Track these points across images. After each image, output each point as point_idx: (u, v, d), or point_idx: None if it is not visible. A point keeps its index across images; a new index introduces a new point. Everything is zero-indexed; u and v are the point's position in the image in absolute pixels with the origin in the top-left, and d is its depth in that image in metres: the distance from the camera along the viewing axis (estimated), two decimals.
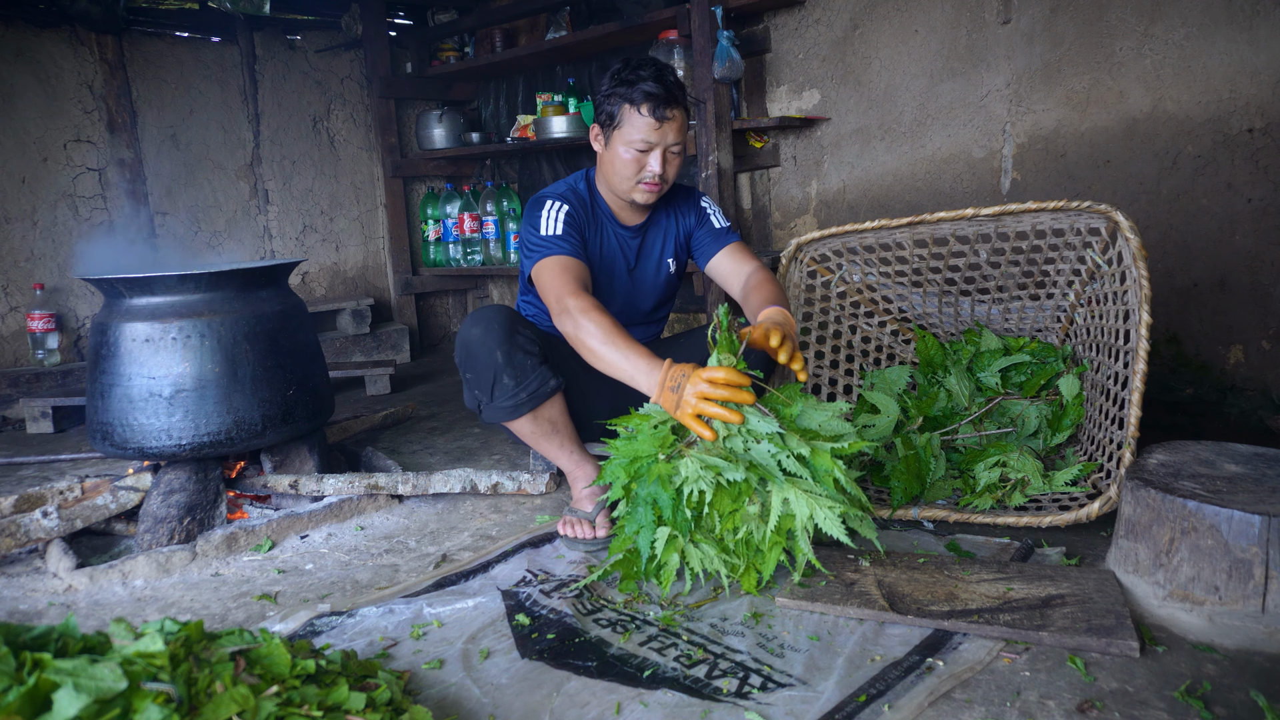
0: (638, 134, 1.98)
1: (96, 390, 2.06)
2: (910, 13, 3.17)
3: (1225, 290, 2.68)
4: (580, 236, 2.05)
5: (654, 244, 2.23)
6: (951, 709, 1.29)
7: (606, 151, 2.05)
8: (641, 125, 1.97)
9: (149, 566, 1.89)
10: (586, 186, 2.16)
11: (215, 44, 4.18)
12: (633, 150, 2.00)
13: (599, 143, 2.08)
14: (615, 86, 1.99)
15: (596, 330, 1.77)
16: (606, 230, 2.16)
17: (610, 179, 2.08)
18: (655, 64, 2.00)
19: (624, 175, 2.03)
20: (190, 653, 1.11)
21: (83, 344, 3.81)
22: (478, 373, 1.95)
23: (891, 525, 2.02)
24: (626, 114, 1.98)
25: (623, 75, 1.99)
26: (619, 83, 1.99)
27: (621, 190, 2.07)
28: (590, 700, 1.34)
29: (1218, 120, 2.60)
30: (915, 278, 2.44)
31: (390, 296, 4.78)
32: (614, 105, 1.99)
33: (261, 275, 2.17)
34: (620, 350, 1.74)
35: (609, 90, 2.00)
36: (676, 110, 1.99)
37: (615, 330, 1.77)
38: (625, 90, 1.97)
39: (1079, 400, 2.15)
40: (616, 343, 1.75)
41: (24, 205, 3.69)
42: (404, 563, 1.94)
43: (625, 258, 2.20)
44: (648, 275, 2.24)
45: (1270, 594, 1.43)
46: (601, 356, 1.77)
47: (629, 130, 1.98)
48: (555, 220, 2.03)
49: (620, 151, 2.01)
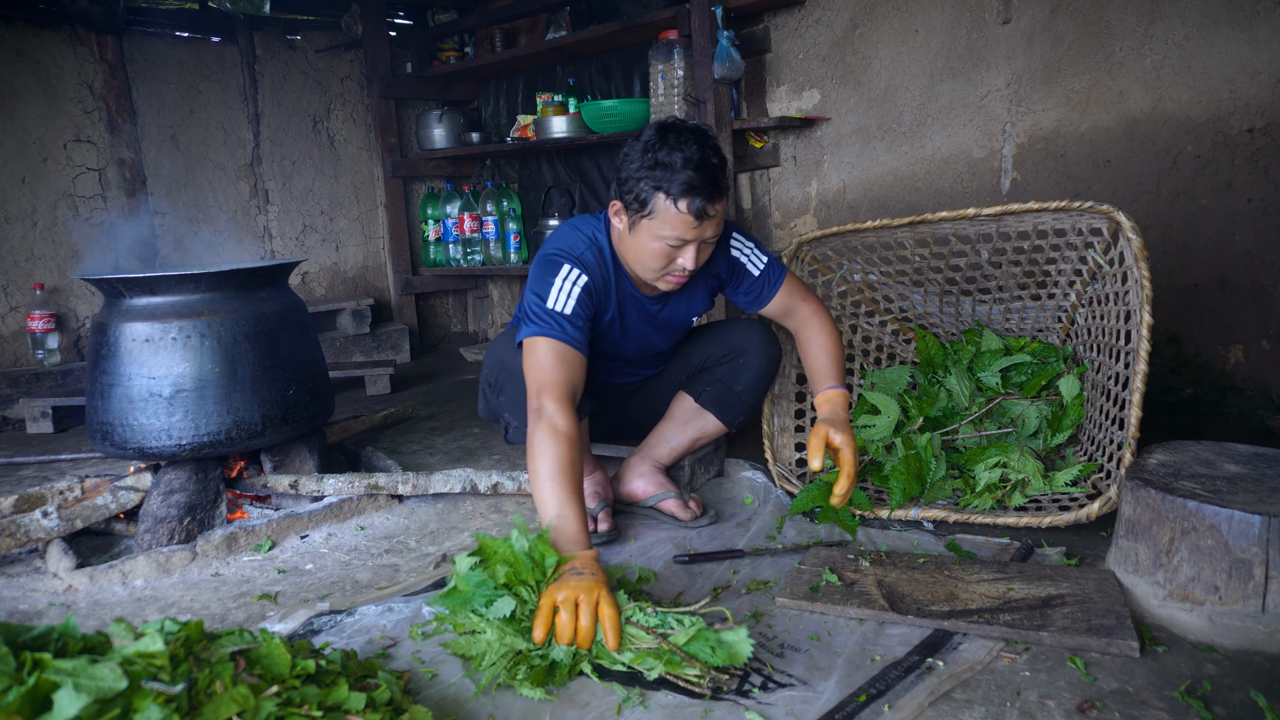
0: (671, 230, 1.74)
1: (96, 390, 2.06)
2: (910, 13, 3.17)
3: (1225, 290, 2.68)
4: (591, 315, 1.85)
5: (677, 307, 2.05)
6: (951, 709, 1.28)
7: (631, 235, 1.80)
8: (678, 223, 1.73)
9: (149, 566, 1.89)
10: (608, 242, 1.91)
11: (215, 44, 4.18)
12: (664, 244, 1.77)
13: (620, 219, 1.82)
14: (649, 169, 1.72)
15: (554, 458, 1.61)
16: (625, 297, 1.95)
17: (631, 263, 1.87)
18: (696, 136, 1.74)
19: (648, 266, 1.82)
20: (190, 653, 1.11)
21: (83, 344, 3.81)
22: (515, 400, 1.92)
23: (891, 525, 2.02)
24: (661, 206, 1.72)
25: (658, 155, 1.71)
26: (654, 165, 1.71)
27: (643, 277, 1.88)
28: (590, 700, 1.34)
29: (1218, 120, 2.60)
30: (916, 277, 2.44)
31: (390, 296, 4.78)
32: (646, 191, 1.73)
33: (261, 275, 2.17)
34: (562, 495, 1.58)
35: (641, 171, 1.73)
36: (719, 205, 1.75)
37: (570, 469, 1.61)
38: (662, 177, 1.70)
39: (1079, 400, 2.15)
40: (564, 485, 1.59)
41: (24, 205, 3.69)
42: (404, 563, 1.94)
43: (644, 319, 2.02)
44: (670, 328, 2.09)
45: (1270, 594, 1.43)
46: (542, 484, 1.60)
47: (661, 225, 1.74)
48: (569, 295, 1.79)
49: (648, 241, 1.78)
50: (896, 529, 2.00)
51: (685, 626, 1.40)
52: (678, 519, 2.07)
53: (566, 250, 1.87)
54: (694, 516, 2.06)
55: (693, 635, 1.38)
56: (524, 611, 1.44)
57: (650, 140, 1.75)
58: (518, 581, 1.46)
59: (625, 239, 1.85)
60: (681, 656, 1.35)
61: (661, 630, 1.41)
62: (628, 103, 3.63)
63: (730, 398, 2.17)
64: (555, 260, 1.85)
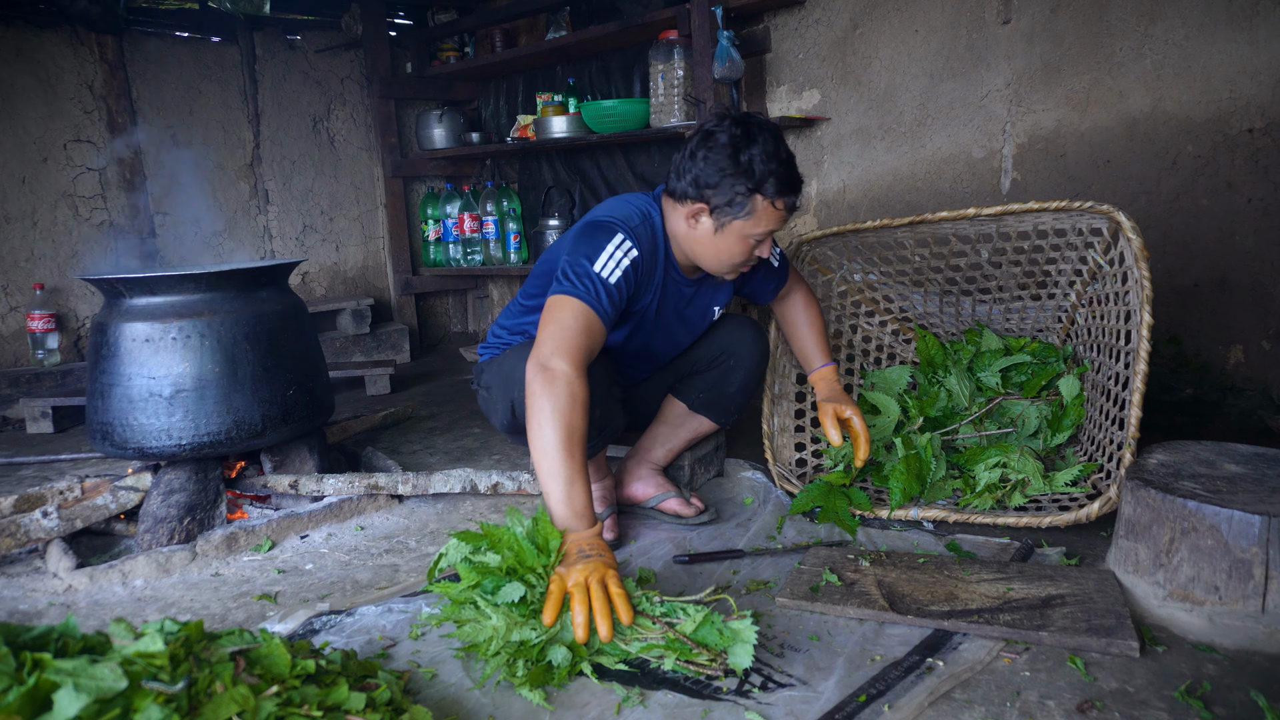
0: (765, 228, 1.77)
1: (96, 390, 2.06)
2: (910, 13, 3.17)
3: (1225, 290, 2.68)
4: (630, 295, 1.80)
5: (707, 294, 2.04)
6: (951, 709, 1.28)
7: (714, 236, 1.79)
8: (773, 219, 1.77)
9: (149, 566, 1.89)
10: (662, 228, 1.87)
11: (215, 44, 4.18)
12: (751, 240, 1.79)
13: (695, 222, 1.79)
14: (742, 173, 1.71)
15: (565, 425, 1.54)
16: (666, 278, 1.92)
17: (702, 257, 1.85)
18: (773, 131, 1.75)
19: (725, 261, 1.83)
20: (190, 653, 1.11)
21: (83, 344, 3.81)
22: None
23: (891, 525, 2.02)
24: (759, 206, 1.74)
25: (749, 156, 1.71)
26: (746, 167, 1.71)
27: (713, 269, 1.87)
28: (590, 700, 1.34)
29: (1218, 120, 2.60)
30: (916, 277, 2.44)
31: (390, 296, 4.78)
32: (741, 194, 1.73)
33: (261, 275, 2.17)
34: (570, 467, 1.52)
35: (731, 174, 1.72)
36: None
37: (579, 440, 1.55)
38: (760, 179, 1.71)
39: (1079, 400, 2.15)
40: (571, 456, 1.53)
41: (24, 205, 3.69)
42: (404, 563, 1.94)
43: (676, 306, 1.99)
44: (692, 322, 2.06)
45: (1270, 594, 1.43)
46: (546, 452, 1.53)
47: (755, 224, 1.76)
48: (617, 265, 1.74)
49: (735, 240, 1.79)
50: (896, 529, 2.00)
51: (691, 615, 1.41)
52: (681, 516, 2.07)
53: (622, 220, 1.80)
54: (697, 512, 2.07)
55: (701, 621, 1.40)
56: (533, 595, 1.43)
57: (736, 141, 1.73)
58: (523, 567, 1.46)
59: (704, 238, 1.81)
60: (691, 645, 1.36)
61: (668, 619, 1.42)
62: (628, 103, 3.63)
63: (723, 400, 2.16)
64: (610, 226, 1.78)
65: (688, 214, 1.80)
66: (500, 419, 1.95)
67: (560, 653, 1.37)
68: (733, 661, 1.36)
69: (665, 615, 1.43)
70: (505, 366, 1.92)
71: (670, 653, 1.37)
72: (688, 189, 1.77)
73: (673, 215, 1.85)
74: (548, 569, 1.46)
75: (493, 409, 1.98)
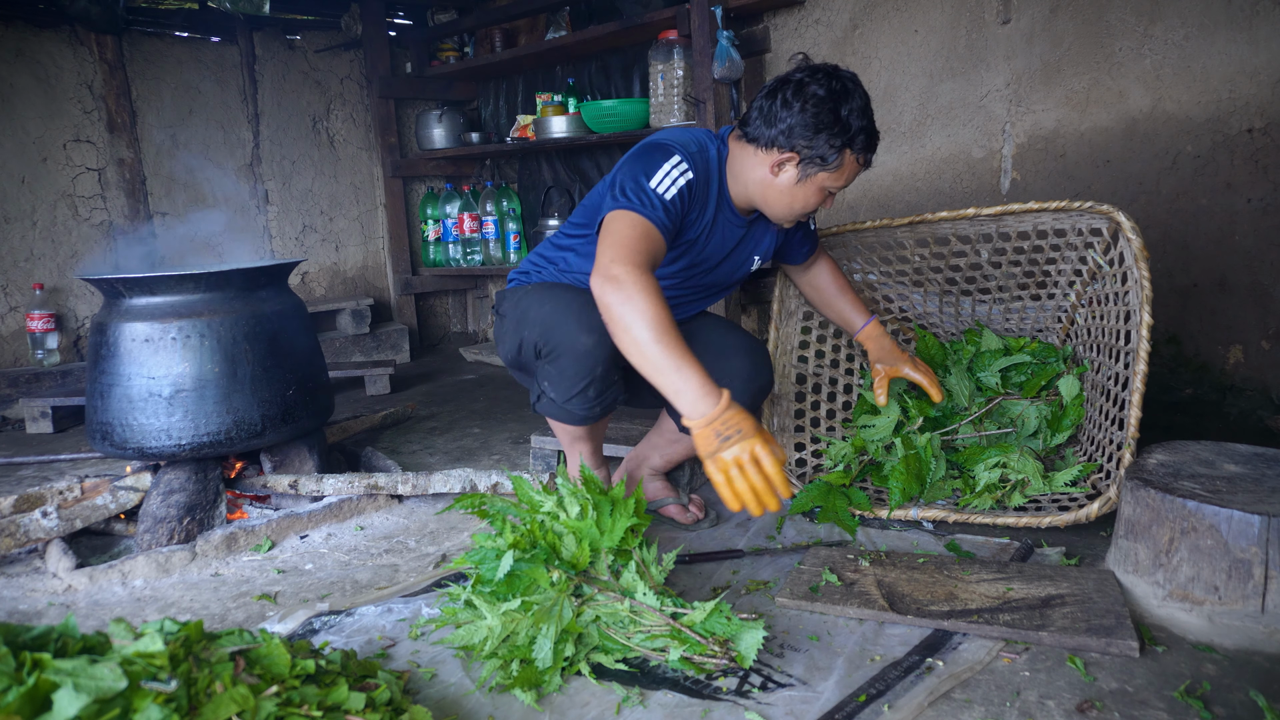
0: (844, 180, 1.81)
1: (96, 390, 2.06)
2: (910, 13, 3.17)
3: (1225, 290, 2.68)
4: (682, 216, 1.78)
5: (753, 238, 2.00)
6: (951, 709, 1.28)
7: (794, 185, 1.80)
8: (853, 173, 1.82)
9: (149, 566, 1.89)
10: (717, 161, 1.86)
11: (215, 44, 4.18)
12: (824, 192, 1.83)
13: (779, 169, 1.79)
14: (835, 127, 1.73)
15: (650, 319, 1.48)
16: (717, 212, 1.89)
17: (774, 203, 1.84)
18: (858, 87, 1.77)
19: (796, 209, 1.85)
20: (190, 653, 1.11)
21: (83, 344, 3.81)
22: (565, 376, 1.80)
23: (891, 525, 2.02)
24: (847, 160, 1.77)
25: (841, 111, 1.73)
26: (838, 122, 1.73)
27: (780, 215, 1.87)
28: (590, 700, 1.34)
29: (1217, 120, 2.60)
30: (916, 277, 2.44)
31: (390, 296, 4.78)
32: (832, 149, 1.74)
33: (261, 275, 2.17)
34: (671, 354, 1.46)
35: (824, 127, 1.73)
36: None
37: (670, 327, 1.50)
38: (852, 134, 1.74)
39: (1079, 401, 2.15)
40: (669, 344, 1.47)
41: (24, 205, 3.69)
42: (404, 563, 1.94)
43: (723, 242, 1.95)
44: (732, 268, 2.02)
45: (1270, 594, 1.43)
46: (644, 351, 1.48)
47: (838, 178, 1.80)
48: (672, 183, 1.71)
49: (812, 190, 1.81)
50: (896, 529, 2.00)
51: (700, 606, 1.43)
52: (678, 524, 2.07)
53: (680, 144, 1.78)
54: (694, 520, 2.07)
55: (709, 611, 1.41)
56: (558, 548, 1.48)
57: (834, 94, 1.73)
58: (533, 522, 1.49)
59: (782, 186, 1.80)
60: (698, 638, 1.38)
61: (676, 609, 1.44)
62: (627, 103, 3.63)
63: None
64: (667, 148, 1.75)
65: (772, 162, 1.78)
66: (506, 351, 1.96)
67: (545, 646, 1.37)
68: (743, 648, 1.37)
69: (673, 606, 1.45)
70: (523, 303, 1.90)
71: (677, 643, 1.38)
72: (777, 137, 1.76)
73: (745, 158, 1.83)
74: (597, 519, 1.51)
75: (501, 338, 1.98)
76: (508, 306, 1.98)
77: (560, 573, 1.45)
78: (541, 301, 1.86)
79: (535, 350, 1.84)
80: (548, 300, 1.87)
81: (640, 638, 1.41)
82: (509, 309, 1.97)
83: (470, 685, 1.39)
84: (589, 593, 1.46)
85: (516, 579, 1.45)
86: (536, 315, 1.84)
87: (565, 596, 1.42)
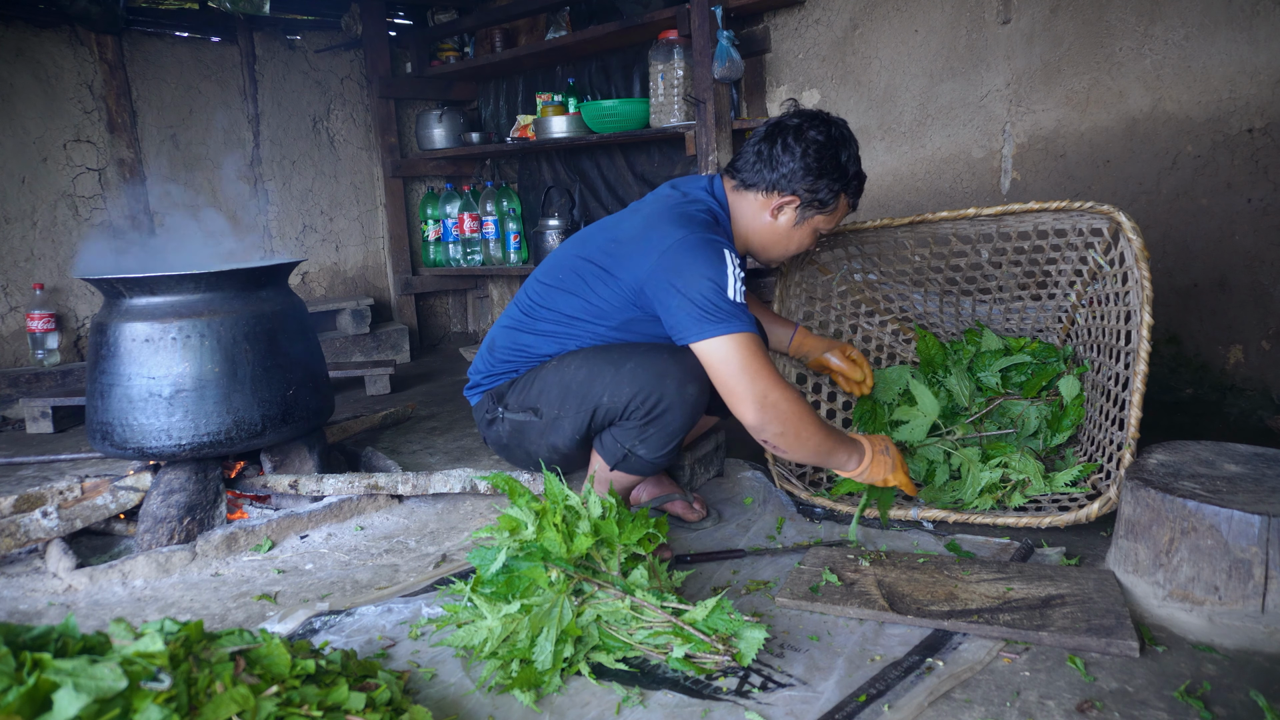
0: (836, 221, 1.92)
1: (96, 390, 2.06)
2: (910, 13, 3.17)
3: (1225, 290, 2.68)
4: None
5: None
6: (951, 709, 1.28)
7: (792, 229, 1.89)
8: (844, 214, 1.92)
9: (149, 566, 1.89)
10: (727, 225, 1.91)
11: (215, 44, 4.18)
12: (816, 235, 1.93)
13: (779, 213, 1.86)
14: (833, 172, 1.82)
15: (815, 426, 1.72)
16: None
17: (770, 246, 1.93)
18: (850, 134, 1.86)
19: (791, 250, 1.95)
20: (190, 653, 1.11)
21: (83, 344, 3.81)
22: (668, 430, 1.78)
23: (891, 525, 2.02)
24: (842, 204, 1.88)
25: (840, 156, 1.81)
26: (836, 167, 1.82)
27: (772, 257, 1.97)
28: (590, 700, 1.34)
29: (1218, 120, 2.60)
30: (916, 277, 2.44)
31: (390, 296, 4.78)
32: (830, 193, 1.83)
33: (261, 275, 2.17)
34: (835, 443, 1.76)
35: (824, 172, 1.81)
36: None
37: (819, 421, 1.74)
38: (848, 179, 1.85)
39: (1079, 401, 2.15)
40: (830, 438, 1.75)
41: (24, 205, 3.69)
42: (404, 563, 1.94)
43: None
44: None
45: (1270, 594, 1.43)
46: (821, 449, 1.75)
47: (831, 220, 1.91)
48: (738, 282, 1.71)
49: (808, 232, 1.91)
50: (896, 529, 1.99)
51: (703, 604, 1.43)
52: (684, 520, 2.07)
53: (719, 239, 1.75)
54: (700, 517, 2.07)
55: (712, 608, 1.42)
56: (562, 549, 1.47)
57: (833, 140, 1.82)
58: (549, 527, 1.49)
59: (782, 230, 1.90)
60: (701, 636, 1.38)
61: (678, 606, 1.44)
62: (627, 103, 3.63)
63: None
64: (716, 246, 1.72)
65: (773, 206, 1.85)
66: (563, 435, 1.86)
67: (545, 649, 1.37)
68: (744, 647, 1.37)
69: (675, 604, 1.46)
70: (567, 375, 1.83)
71: (680, 640, 1.38)
72: (778, 181, 1.82)
73: (744, 205, 1.89)
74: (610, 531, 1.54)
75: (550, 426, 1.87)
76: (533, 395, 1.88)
77: (559, 571, 1.45)
78: (608, 366, 1.79)
79: (624, 413, 1.78)
80: (620, 362, 1.79)
81: (643, 634, 1.41)
82: (537, 396, 1.88)
83: (470, 685, 1.39)
84: (589, 590, 1.47)
85: (516, 579, 1.45)
86: (614, 380, 1.77)
87: (564, 596, 1.42)
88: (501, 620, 1.40)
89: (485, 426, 2.03)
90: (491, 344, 2.02)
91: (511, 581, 1.45)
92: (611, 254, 1.83)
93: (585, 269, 1.87)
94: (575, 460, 1.98)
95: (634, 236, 1.80)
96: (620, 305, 1.83)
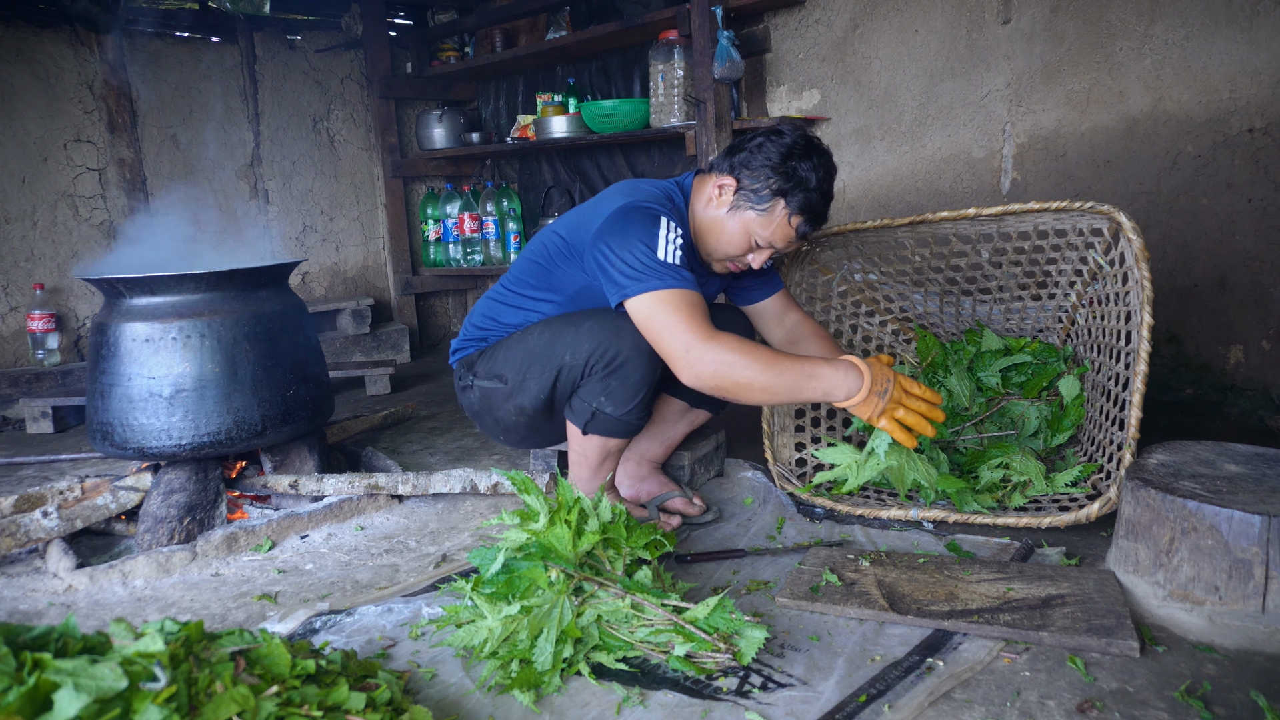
0: (767, 234, 1.79)
1: (96, 390, 2.06)
2: (910, 13, 3.17)
3: (1225, 290, 2.68)
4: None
5: (710, 283, 2.03)
6: (951, 709, 1.28)
7: (726, 215, 1.81)
8: (779, 233, 1.78)
9: (149, 566, 1.89)
10: (684, 209, 1.87)
11: (215, 44, 4.18)
12: (750, 240, 1.81)
13: (722, 195, 1.81)
14: (781, 172, 1.74)
15: (752, 361, 1.56)
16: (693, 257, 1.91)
17: (705, 237, 1.85)
18: (824, 159, 1.78)
19: (721, 249, 1.84)
20: (190, 653, 1.11)
21: (83, 344, 3.81)
22: (629, 383, 1.78)
23: (891, 525, 2.02)
24: (775, 211, 1.76)
25: (796, 165, 1.73)
26: (788, 171, 1.74)
27: (709, 255, 1.88)
28: (590, 700, 1.34)
29: (1218, 120, 2.60)
30: (916, 277, 2.44)
31: (390, 296, 4.78)
32: (768, 189, 1.75)
33: (261, 275, 2.16)
34: (798, 370, 1.57)
35: (772, 169, 1.75)
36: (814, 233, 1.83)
37: (768, 351, 1.59)
38: (791, 186, 1.74)
39: (1079, 401, 2.15)
40: (785, 365, 1.57)
41: (24, 205, 3.69)
42: (404, 563, 1.94)
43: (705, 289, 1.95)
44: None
45: (1270, 594, 1.43)
46: (774, 387, 1.57)
47: (763, 226, 1.78)
48: (674, 247, 1.68)
49: (739, 229, 1.80)
50: (896, 529, 1.99)
51: (705, 602, 1.44)
52: (685, 515, 2.07)
53: (659, 207, 1.75)
54: (702, 510, 2.07)
55: (713, 607, 1.42)
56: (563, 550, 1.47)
57: (794, 147, 1.76)
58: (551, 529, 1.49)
59: (714, 215, 1.83)
60: (702, 634, 1.38)
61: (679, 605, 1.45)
62: (628, 103, 3.63)
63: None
64: (652, 214, 1.71)
65: (716, 183, 1.82)
66: (530, 395, 1.89)
67: (545, 650, 1.37)
68: (744, 646, 1.38)
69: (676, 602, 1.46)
70: (535, 341, 1.86)
71: (681, 639, 1.38)
72: (732, 165, 1.81)
73: (700, 191, 1.87)
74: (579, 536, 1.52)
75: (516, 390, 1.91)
76: (499, 363, 1.94)
77: (558, 571, 1.45)
78: (567, 327, 1.82)
79: (585, 370, 1.80)
80: (579, 322, 1.83)
81: (644, 632, 1.41)
82: (510, 358, 1.92)
83: (470, 685, 1.39)
84: (589, 590, 1.47)
85: (516, 580, 1.46)
86: (574, 338, 1.80)
87: (564, 597, 1.42)
88: (502, 620, 1.40)
89: (461, 394, 2.10)
90: (470, 315, 2.11)
91: (512, 582, 1.45)
92: (572, 226, 1.91)
93: (552, 241, 1.94)
94: (542, 430, 2.04)
95: (588, 208, 1.88)
96: (575, 274, 1.88)
